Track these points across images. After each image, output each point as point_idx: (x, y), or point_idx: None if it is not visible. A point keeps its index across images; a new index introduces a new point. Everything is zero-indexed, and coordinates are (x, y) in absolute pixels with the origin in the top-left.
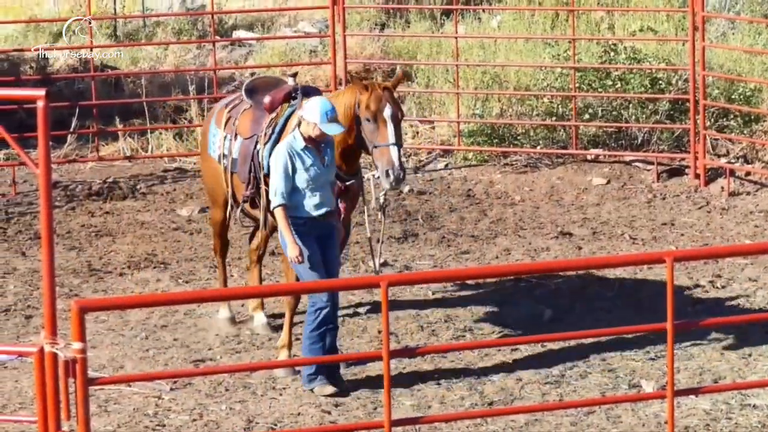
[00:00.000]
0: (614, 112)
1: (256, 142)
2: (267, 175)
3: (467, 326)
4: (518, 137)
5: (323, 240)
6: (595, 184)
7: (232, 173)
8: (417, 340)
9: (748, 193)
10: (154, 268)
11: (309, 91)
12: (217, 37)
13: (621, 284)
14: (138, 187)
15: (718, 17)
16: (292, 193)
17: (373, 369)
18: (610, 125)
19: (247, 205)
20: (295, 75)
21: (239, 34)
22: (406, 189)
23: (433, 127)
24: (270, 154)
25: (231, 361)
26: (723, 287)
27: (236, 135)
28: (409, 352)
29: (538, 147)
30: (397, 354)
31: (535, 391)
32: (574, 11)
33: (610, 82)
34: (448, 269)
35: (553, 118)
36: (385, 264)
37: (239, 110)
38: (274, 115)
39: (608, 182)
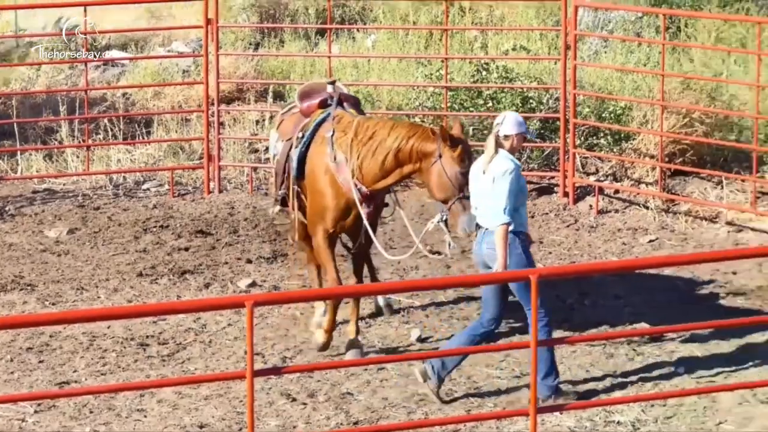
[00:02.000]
0: (486, 131)
1: (291, 145)
2: (297, 177)
3: (335, 346)
4: None
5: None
6: None
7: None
8: (284, 359)
9: (617, 211)
10: (21, 290)
11: (345, 99)
12: (90, 57)
13: None
14: (6, 208)
15: (590, 36)
16: (516, 209)
17: (239, 390)
18: (481, 144)
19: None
20: (334, 82)
21: (112, 54)
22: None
23: None
24: (299, 158)
25: (96, 382)
26: (590, 305)
27: (281, 137)
28: (274, 372)
29: None
30: (261, 373)
31: (400, 410)
32: (447, 30)
33: (482, 101)
34: (316, 289)
35: None
36: (253, 284)
37: (290, 114)
38: (307, 120)
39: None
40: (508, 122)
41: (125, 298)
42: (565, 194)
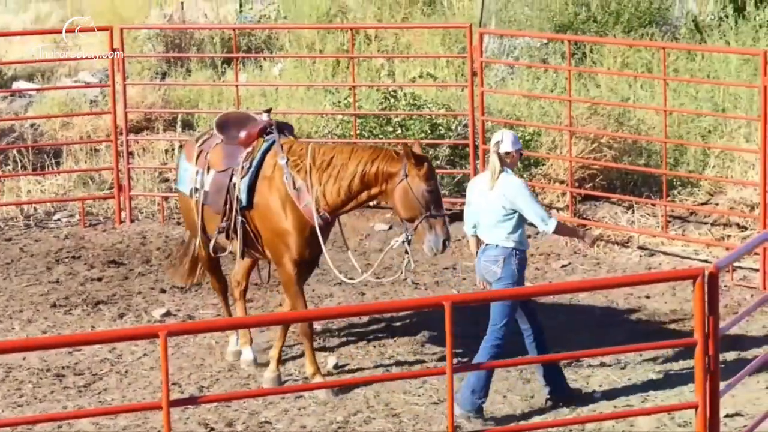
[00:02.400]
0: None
1: (232, 175)
2: (244, 208)
3: (251, 374)
4: None
5: None
6: (378, 230)
7: (203, 206)
8: (200, 389)
9: (529, 236)
10: None
11: (283, 127)
12: None
13: (404, 329)
14: None
15: (496, 63)
16: (520, 227)
17: (156, 420)
18: None
19: (222, 237)
20: (269, 111)
21: (19, 84)
22: None
23: None
24: (248, 188)
25: (13, 414)
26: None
27: (209, 168)
28: (191, 402)
29: None
30: (178, 403)
31: None
32: (354, 58)
33: (391, 129)
34: (231, 318)
35: None
36: (168, 314)
37: (211, 144)
38: (250, 149)
39: (390, 228)
40: (507, 140)
41: (40, 329)
42: None
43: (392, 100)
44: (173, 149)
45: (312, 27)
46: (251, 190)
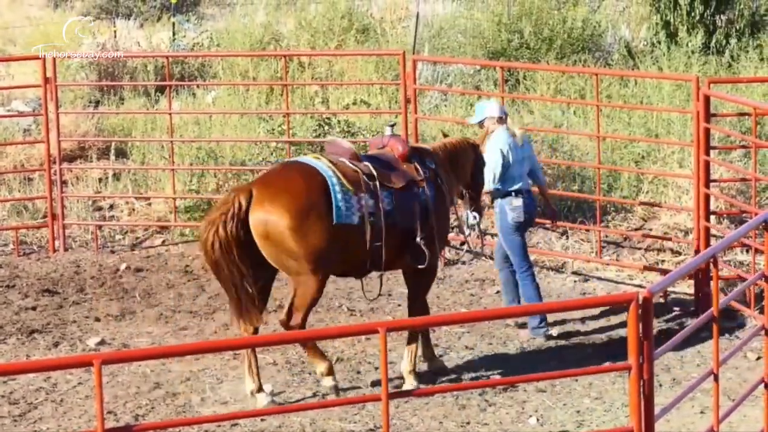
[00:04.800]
0: None
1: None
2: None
3: (186, 402)
4: None
5: None
6: None
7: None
8: (136, 417)
9: (464, 263)
10: None
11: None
12: None
13: (340, 356)
14: None
15: (430, 90)
16: None
17: None
18: None
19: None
20: (393, 125)
21: None
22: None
23: (150, 204)
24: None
25: None
26: (440, 356)
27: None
28: (125, 430)
29: None
30: None
31: None
32: (288, 86)
33: None
34: (165, 346)
35: None
36: (102, 342)
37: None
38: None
39: None
40: (497, 107)
41: None
42: None
43: (326, 127)
44: (107, 178)
45: (245, 54)
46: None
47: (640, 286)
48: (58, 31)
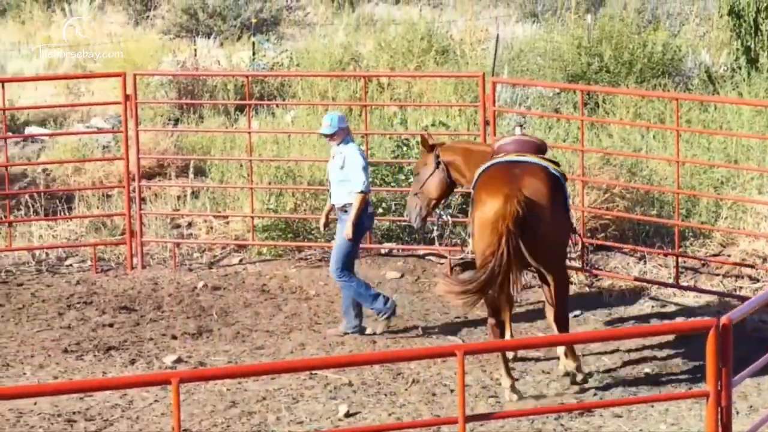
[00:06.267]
0: (402, 206)
1: None
2: None
3: (262, 421)
4: (312, 231)
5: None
6: (389, 278)
7: None
8: None
9: (540, 286)
10: None
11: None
12: (9, 133)
13: (415, 378)
14: None
15: (509, 112)
16: None
17: None
18: (403, 219)
19: None
20: (521, 125)
21: (31, 130)
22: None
23: (228, 222)
24: None
25: None
26: (516, 380)
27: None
28: None
29: (332, 241)
30: None
31: None
32: (367, 106)
33: (403, 177)
34: (243, 365)
35: None
36: (179, 360)
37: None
38: None
39: (402, 276)
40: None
41: (51, 374)
42: None
43: (405, 149)
44: (185, 195)
45: (325, 75)
46: None
47: (718, 312)
48: (139, 48)
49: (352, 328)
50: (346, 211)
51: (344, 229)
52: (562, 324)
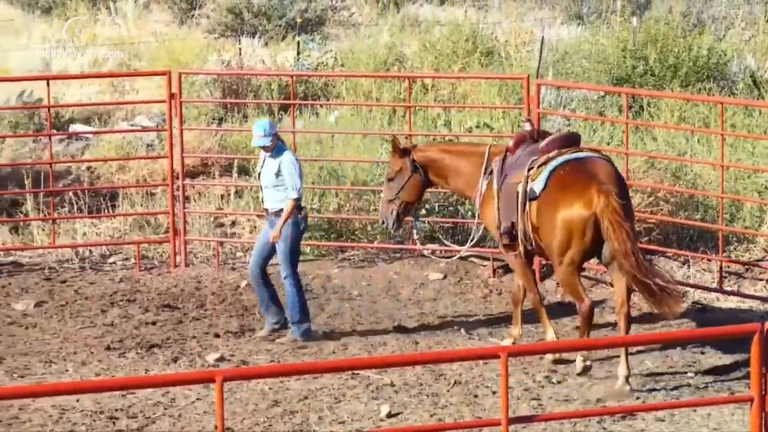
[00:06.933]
0: (450, 208)
1: None
2: None
3: (304, 421)
4: (355, 232)
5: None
6: (432, 279)
7: None
8: None
9: (584, 289)
10: None
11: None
12: (54, 131)
13: (458, 379)
14: None
15: (553, 114)
16: None
17: None
18: (446, 221)
19: None
20: (529, 120)
21: (76, 127)
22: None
23: None
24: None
25: None
26: (558, 383)
27: None
28: None
29: (375, 242)
30: None
31: None
32: (411, 107)
33: None
34: (285, 364)
35: None
36: (221, 359)
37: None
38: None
39: (445, 277)
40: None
41: (93, 371)
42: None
43: None
44: (229, 194)
45: (369, 75)
46: None
47: (762, 317)
48: (184, 47)
49: (275, 323)
50: (279, 216)
51: (273, 233)
52: (630, 320)
